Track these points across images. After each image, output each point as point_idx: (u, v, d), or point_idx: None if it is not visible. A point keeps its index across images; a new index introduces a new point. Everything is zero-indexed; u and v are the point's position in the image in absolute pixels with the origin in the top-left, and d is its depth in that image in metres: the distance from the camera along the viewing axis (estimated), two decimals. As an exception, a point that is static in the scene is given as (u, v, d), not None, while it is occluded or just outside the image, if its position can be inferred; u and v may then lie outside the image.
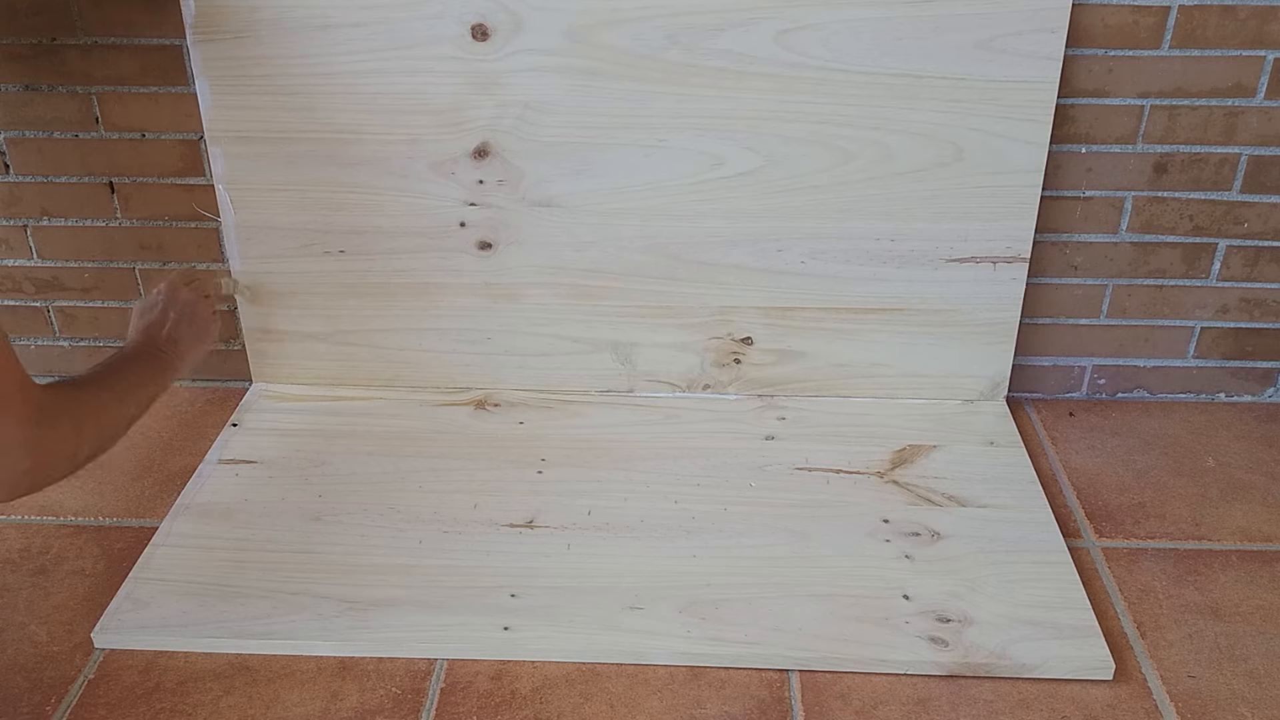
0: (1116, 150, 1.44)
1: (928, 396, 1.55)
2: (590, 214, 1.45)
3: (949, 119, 1.38)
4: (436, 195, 1.44)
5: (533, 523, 1.33)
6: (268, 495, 1.38)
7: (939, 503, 1.37)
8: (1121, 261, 1.52)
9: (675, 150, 1.41)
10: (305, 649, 1.18)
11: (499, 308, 1.52)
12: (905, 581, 1.25)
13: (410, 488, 1.39)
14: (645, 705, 1.13)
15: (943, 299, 1.48)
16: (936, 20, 1.33)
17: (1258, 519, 1.38)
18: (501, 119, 1.40)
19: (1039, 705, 1.13)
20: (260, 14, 1.34)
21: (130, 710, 1.12)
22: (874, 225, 1.44)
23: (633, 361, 1.55)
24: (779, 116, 1.39)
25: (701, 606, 1.22)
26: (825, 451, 1.45)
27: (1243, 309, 1.54)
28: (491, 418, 1.52)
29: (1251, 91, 1.41)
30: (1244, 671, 1.17)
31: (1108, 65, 1.39)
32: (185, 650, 1.19)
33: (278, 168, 1.43)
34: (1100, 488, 1.44)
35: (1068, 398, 1.62)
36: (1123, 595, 1.27)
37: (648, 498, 1.37)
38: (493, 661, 1.18)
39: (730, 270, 1.48)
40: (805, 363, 1.54)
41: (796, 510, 1.35)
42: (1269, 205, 1.47)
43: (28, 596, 1.27)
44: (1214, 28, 1.37)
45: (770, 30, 1.34)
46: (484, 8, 1.34)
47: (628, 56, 1.36)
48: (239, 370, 1.61)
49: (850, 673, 1.16)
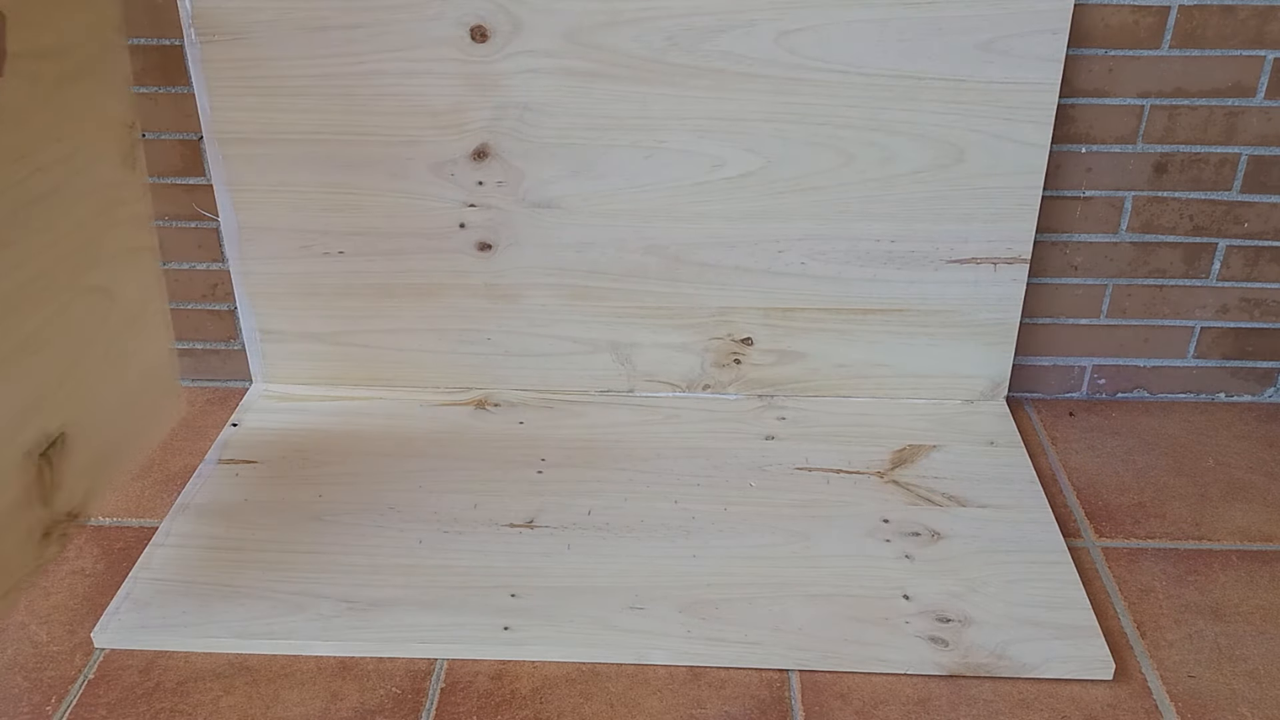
0: (1116, 150, 1.45)
1: (928, 396, 1.55)
2: (590, 215, 1.45)
3: (950, 120, 1.38)
4: (436, 196, 1.45)
5: (533, 523, 1.33)
6: (268, 495, 1.38)
7: (939, 503, 1.37)
8: (1121, 261, 1.52)
9: (675, 151, 1.41)
10: (305, 649, 1.18)
11: (499, 308, 1.52)
12: (905, 581, 1.25)
13: (410, 488, 1.39)
14: (645, 705, 1.13)
15: (943, 299, 1.48)
16: (937, 22, 1.33)
17: (1258, 519, 1.38)
18: (501, 120, 1.40)
19: (1039, 705, 1.13)
20: (259, 15, 1.35)
21: (130, 710, 1.12)
22: (874, 226, 1.44)
23: (632, 362, 1.55)
24: (779, 118, 1.39)
25: (701, 606, 1.22)
26: (825, 451, 1.45)
27: (1243, 309, 1.54)
28: (491, 418, 1.52)
29: (1251, 91, 1.41)
30: (1244, 671, 1.17)
31: (1108, 65, 1.39)
32: (185, 650, 1.19)
33: (277, 168, 1.43)
34: (1100, 488, 1.44)
35: (1068, 398, 1.62)
36: (1123, 595, 1.27)
37: (648, 498, 1.37)
38: (493, 661, 1.18)
39: (730, 271, 1.48)
40: (805, 363, 1.54)
41: (796, 510, 1.35)
42: (1269, 205, 1.47)
43: (28, 596, 1.27)
44: (1214, 28, 1.37)
45: (771, 32, 1.34)
46: (483, 9, 1.34)
47: (628, 58, 1.36)
48: (239, 370, 1.61)
49: (850, 673, 1.16)
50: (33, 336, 1.13)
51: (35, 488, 1.15)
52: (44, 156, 1.13)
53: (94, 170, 1.24)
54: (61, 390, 1.19)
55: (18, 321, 1.11)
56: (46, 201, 1.15)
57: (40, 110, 1.12)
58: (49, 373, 1.16)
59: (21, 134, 1.09)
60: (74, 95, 1.19)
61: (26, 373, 1.13)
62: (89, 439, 1.25)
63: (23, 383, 1.12)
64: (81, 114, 1.20)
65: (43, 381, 1.15)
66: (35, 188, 1.12)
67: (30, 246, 1.12)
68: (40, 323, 1.14)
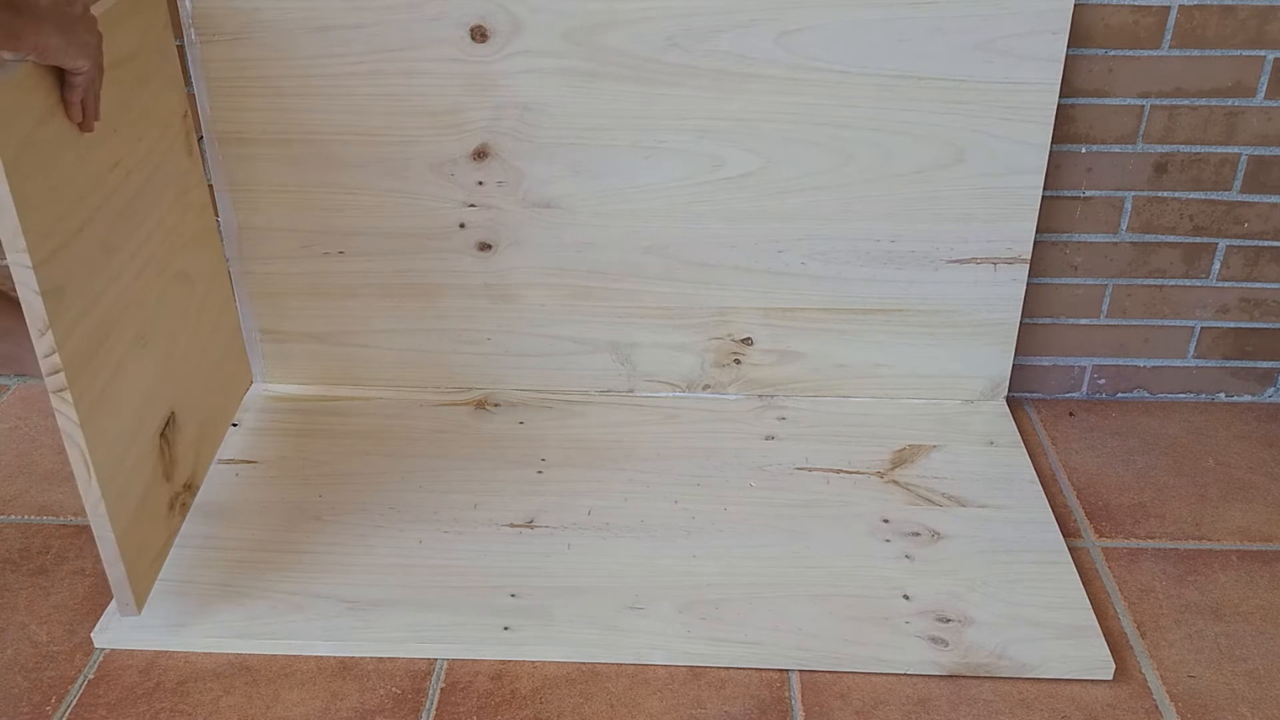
0: (1116, 150, 1.45)
1: (928, 396, 1.55)
2: (590, 215, 1.45)
3: (949, 120, 1.38)
4: (436, 196, 1.45)
5: (533, 523, 1.33)
6: (268, 495, 1.38)
7: (939, 503, 1.37)
8: (1121, 261, 1.52)
9: (675, 151, 1.41)
10: (305, 649, 1.18)
11: (499, 308, 1.52)
12: (905, 581, 1.25)
13: (410, 488, 1.39)
14: (645, 705, 1.13)
15: (943, 299, 1.48)
16: (937, 22, 1.33)
17: (1258, 519, 1.38)
18: (501, 120, 1.40)
19: (1039, 705, 1.13)
20: (259, 15, 1.35)
21: (130, 710, 1.12)
22: (874, 226, 1.44)
23: (632, 362, 1.55)
24: (779, 118, 1.39)
25: (701, 606, 1.22)
26: (825, 451, 1.45)
27: (1243, 309, 1.54)
28: (491, 418, 1.52)
29: (1251, 91, 1.41)
30: (1244, 671, 1.17)
31: (1108, 65, 1.39)
32: (185, 650, 1.19)
33: (278, 168, 1.43)
34: (1100, 488, 1.44)
35: (1068, 398, 1.62)
36: (1123, 595, 1.27)
37: (648, 498, 1.37)
38: (493, 661, 1.18)
39: (730, 271, 1.48)
40: (805, 363, 1.54)
41: (796, 510, 1.35)
42: (1269, 205, 1.47)
43: (28, 596, 1.27)
44: (1214, 28, 1.37)
45: (770, 32, 1.34)
46: (483, 9, 1.34)
47: (627, 58, 1.36)
48: (239, 371, 1.61)
49: (850, 673, 1.16)
50: (147, 326, 1.22)
51: (160, 465, 1.25)
52: (132, 159, 1.21)
53: (168, 164, 1.31)
54: (167, 372, 1.28)
55: (137, 315, 1.20)
56: (138, 200, 1.22)
57: (124, 115, 1.19)
58: (159, 358, 1.26)
59: (113, 141, 1.16)
60: (146, 96, 1.25)
61: (146, 361, 1.22)
62: (191, 415, 1.35)
63: (145, 371, 1.22)
64: (153, 113, 1.27)
65: (156, 367, 1.25)
66: (129, 189, 1.20)
67: (134, 243, 1.21)
68: (148, 313, 1.23)
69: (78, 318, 1.07)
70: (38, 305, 1.01)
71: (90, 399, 1.09)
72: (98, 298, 1.12)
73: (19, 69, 0.98)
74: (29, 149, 0.99)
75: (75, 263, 1.07)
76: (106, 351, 1.13)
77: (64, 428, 1.07)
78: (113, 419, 1.14)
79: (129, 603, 1.16)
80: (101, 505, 1.11)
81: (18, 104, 0.98)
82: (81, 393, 1.08)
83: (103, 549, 1.14)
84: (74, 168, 1.07)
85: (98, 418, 1.11)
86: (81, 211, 1.09)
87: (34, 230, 1.00)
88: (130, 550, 1.16)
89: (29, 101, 1.00)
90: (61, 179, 1.05)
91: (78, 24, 1.00)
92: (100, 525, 1.12)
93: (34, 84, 1.00)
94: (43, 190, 1.02)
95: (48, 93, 1.03)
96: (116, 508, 1.13)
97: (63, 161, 1.06)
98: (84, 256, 1.09)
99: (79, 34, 1.00)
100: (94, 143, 1.11)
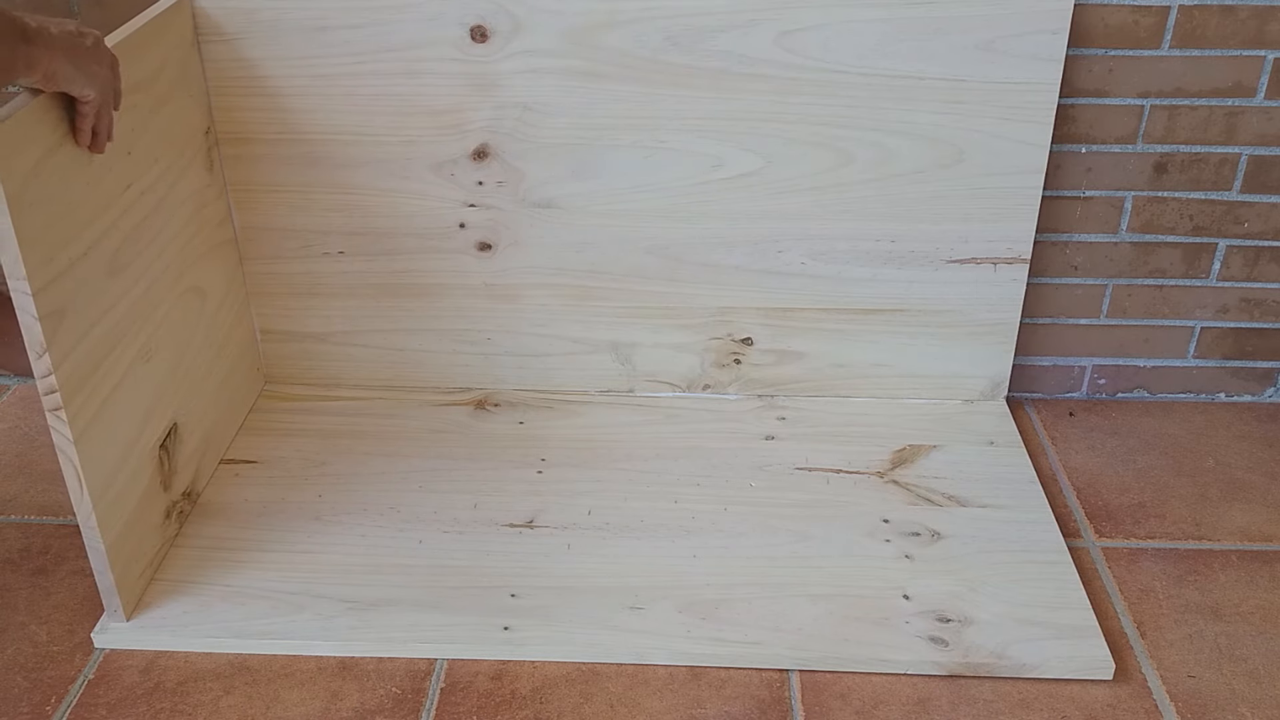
0: (1116, 150, 1.45)
1: (928, 396, 1.55)
2: (590, 215, 1.45)
3: (950, 120, 1.38)
4: (436, 196, 1.45)
5: (533, 523, 1.33)
6: (268, 495, 1.38)
7: (939, 503, 1.37)
8: (1121, 261, 1.52)
9: (675, 151, 1.41)
10: (305, 649, 1.18)
11: (499, 308, 1.52)
12: (905, 581, 1.25)
13: (410, 488, 1.39)
14: (645, 705, 1.13)
15: (943, 299, 1.48)
16: (937, 22, 1.33)
17: (1258, 519, 1.38)
18: (501, 120, 1.40)
19: (1039, 705, 1.13)
20: (259, 15, 1.35)
21: (130, 710, 1.12)
22: (874, 226, 1.44)
23: (633, 362, 1.55)
24: (779, 118, 1.39)
25: (701, 606, 1.22)
26: (825, 451, 1.45)
27: (1243, 309, 1.54)
28: (491, 418, 1.52)
29: (1251, 91, 1.41)
30: (1244, 671, 1.17)
31: (1108, 65, 1.39)
32: (185, 650, 1.19)
33: (278, 169, 1.43)
34: (1100, 488, 1.44)
35: (1068, 398, 1.62)
36: (1123, 595, 1.27)
37: (648, 498, 1.37)
38: (493, 661, 1.18)
39: (730, 271, 1.48)
40: (805, 363, 1.54)
41: (796, 510, 1.35)
42: (1269, 205, 1.47)
43: (28, 596, 1.27)
44: (1214, 28, 1.37)
45: (770, 32, 1.34)
46: (483, 9, 1.34)
47: (627, 58, 1.36)
48: (239, 371, 1.61)
49: (850, 673, 1.16)
50: (151, 341, 1.23)
51: (158, 475, 1.26)
52: (146, 179, 1.22)
53: (184, 180, 1.32)
54: (171, 385, 1.29)
55: (141, 330, 1.21)
56: (152, 219, 1.23)
57: (140, 137, 1.20)
58: (163, 371, 1.26)
59: (127, 163, 1.17)
60: (165, 116, 1.26)
61: (149, 375, 1.23)
62: (194, 425, 1.35)
63: (147, 384, 1.23)
64: (172, 132, 1.28)
65: (160, 380, 1.26)
66: (141, 210, 1.20)
67: (143, 262, 1.21)
68: (154, 328, 1.24)
69: (78, 340, 1.06)
70: (36, 330, 1.01)
71: (87, 416, 1.09)
72: (100, 318, 1.11)
73: (29, 102, 0.98)
74: (36, 179, 0.99)
75: (78, 286, 1.07)
76: (107, 369, 1.13)
77: (58, 443, 1.07)
78: (110, 433, 1.14)
79: (118, 610, 1.17)
80: (93, 517, 1.11)
81: (26, 137, 0.98)
82: (77, 411, 1.07)
83: (93, 559, 1.15)
84: (83, 193, 1.07)
85: (94, 433, 1.10)
86: (88, 235, 1.08)
87: (35, 258, 0.99)
88: (121, 560, 1.17)
89: (38, 133, 1.00)
90: (69, 205, 1.05)
91: (88, 54, 1.02)
92: (91, 535, 1.13)
93: (44, 115, 1.01)
94: (48, 218, 1.01)
95: (58, 122, 1.03)
96: (108, 518, 1.13)
97: (72, 188, 1.05)
98: (88, 280, 1.08)
99: (88, 64, 1.02)
100: (106, 167, 1.11)
